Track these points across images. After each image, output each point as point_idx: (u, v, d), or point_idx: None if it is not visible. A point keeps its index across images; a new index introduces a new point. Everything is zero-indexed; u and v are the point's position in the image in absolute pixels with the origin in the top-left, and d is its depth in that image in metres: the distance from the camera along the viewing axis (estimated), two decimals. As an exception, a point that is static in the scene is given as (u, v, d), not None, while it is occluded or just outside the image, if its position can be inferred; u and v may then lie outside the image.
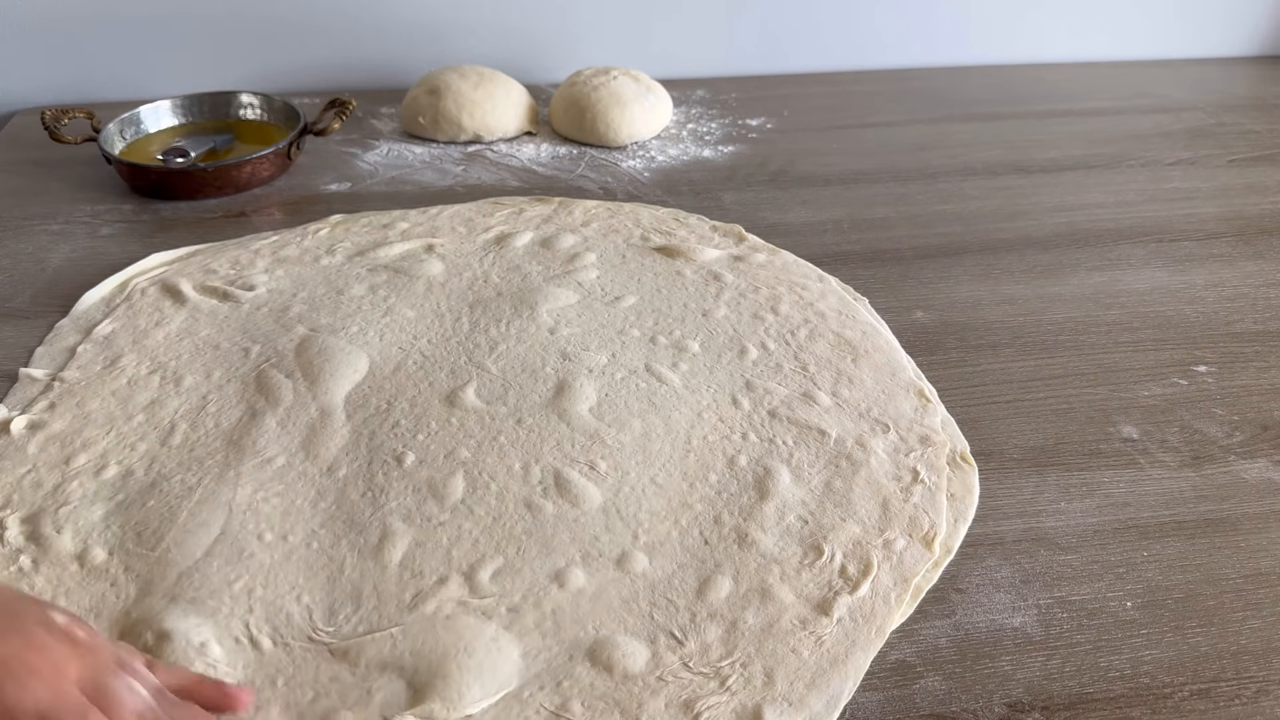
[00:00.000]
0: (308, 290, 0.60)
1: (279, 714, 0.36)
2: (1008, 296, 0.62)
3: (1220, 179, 0.79)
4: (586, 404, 0.50)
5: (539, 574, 0.41)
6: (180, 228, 0.69)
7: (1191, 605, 0.41)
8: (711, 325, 0.57)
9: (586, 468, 0.46)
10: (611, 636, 0.38)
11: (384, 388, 0.51)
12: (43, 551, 0.41)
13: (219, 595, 0.40)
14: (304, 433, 0.48)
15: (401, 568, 0.41)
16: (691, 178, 0.78)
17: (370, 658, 0.37)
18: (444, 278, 0.61)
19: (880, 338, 0.56)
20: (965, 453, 0.48)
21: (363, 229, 0.67)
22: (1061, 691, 0.37)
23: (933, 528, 0.44)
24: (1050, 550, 0.43)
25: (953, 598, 0.41)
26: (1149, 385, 0.54)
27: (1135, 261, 0.67)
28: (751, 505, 0.44)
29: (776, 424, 0.49)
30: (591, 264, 0.63)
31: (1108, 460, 0.49)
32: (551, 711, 0.36)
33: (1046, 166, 0.81)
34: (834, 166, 0.80)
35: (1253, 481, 0.48)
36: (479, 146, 0.83)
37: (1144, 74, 1.02)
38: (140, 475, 0.46)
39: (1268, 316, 0.61)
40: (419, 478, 0.46)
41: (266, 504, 0.44)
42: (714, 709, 0.36)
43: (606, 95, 0.83)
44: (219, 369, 0.53)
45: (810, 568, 0.41)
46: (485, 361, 0.53)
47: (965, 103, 0.94)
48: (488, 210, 0.70)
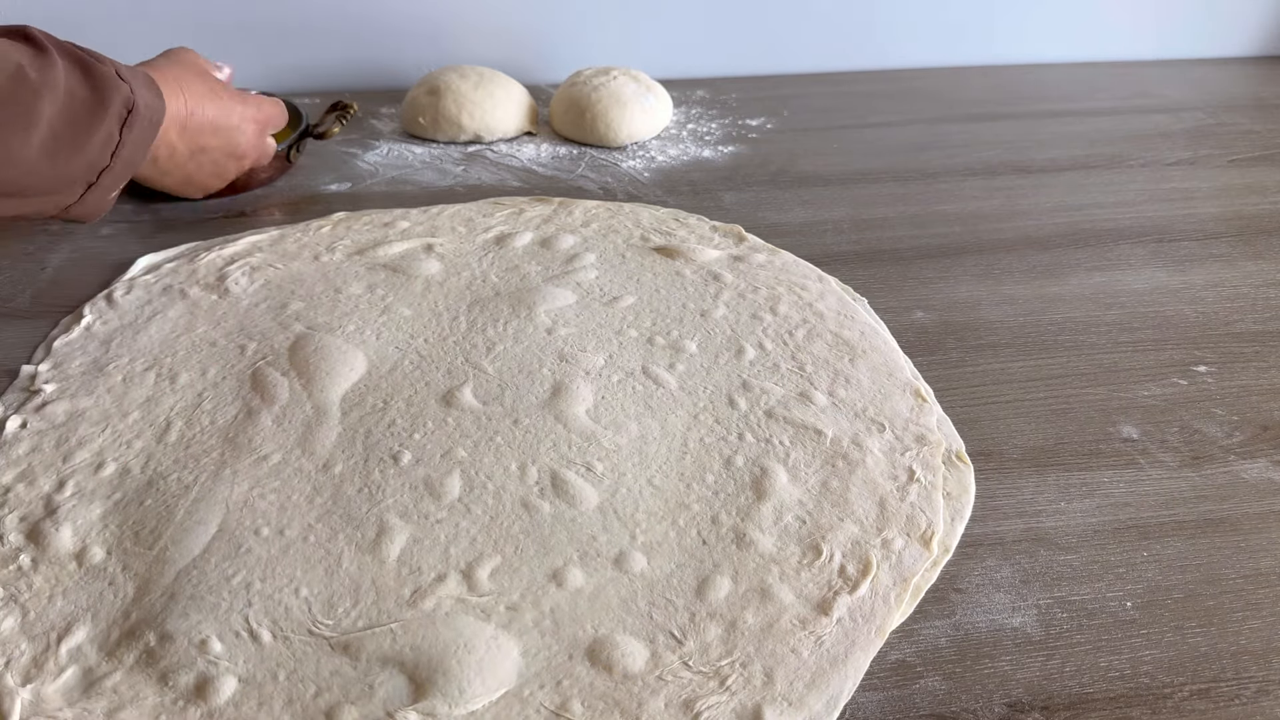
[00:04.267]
0: (305, 288, 0.60)
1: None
2: (1008, 296, 0.62)
3: (1220, 179, 0.79)
4: (583, 406, 0.50)
5: (537, 573, 0.41)
6: (180, 228, 0.69)
7: (1191, 605, 0.41)
8: (710, 325, 0.57)
9: (583, 469, 0.46)
10: (610, 636, 0.38)
11: (380, 387, 0.51)
12: (41, 551, 0.41)
13: (217, 591, 0.40)
14: (300, 430, 0.48)
15: (399, 564, 0.41)
16: (691, 178, 0.78)
17: (371, 652, 0.37)
18: (442, 277, 0.61)
19: (879, 338, 0.56)
20: (961, 452, 0.48)
21: (363, 227, 0.67)
22: (1061, 691, 0.37)
23: (930, 527, 0.44)
24: (1050, 550, 0.43)
25: (952, 598, 0.41)
26: (1149, 385, 0.54)
27: (1135, 261, 0.67)
28: (749, 505, 0.44)
29: (773, 424, 0.49)
30: (591, 264, 0.63)
31: (1108, 460, 0.49)
32: (552, 710, 0.36)
33: (1046, 166, 0.81)
34: (834, 166, 0.80)
35: (1253, 481, 0.47)
36: (479, 147, 0.83)
37: (1144, 74, 1.02)
38: (137, 473, 0.46)
39: (1268, 316, 0.61)
40: (415, 476, 0.46)
41: (263, 500, 0.44)
42: (714, 709, 0.36)
43: (606, 95, 0.83)
44: (215, 366, 0.53)
45: (809, 567, 0.41)
46: (482, 362, 0.53)
47: (965, 103, 0.94)
48: (488, 210, 0.70)
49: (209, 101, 0.64)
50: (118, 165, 0.56)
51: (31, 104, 0.50)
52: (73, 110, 0.52)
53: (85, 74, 0.53)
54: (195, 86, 0.63)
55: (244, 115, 0.67)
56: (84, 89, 0.52)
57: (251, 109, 0.67)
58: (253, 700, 0.36)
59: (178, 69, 0.64)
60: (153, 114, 0.57)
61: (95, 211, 0.58)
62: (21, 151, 0.50)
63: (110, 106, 0.53)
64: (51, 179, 0.53)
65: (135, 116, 0.55)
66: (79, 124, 0.52)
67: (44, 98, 0.50)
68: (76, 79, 0.52)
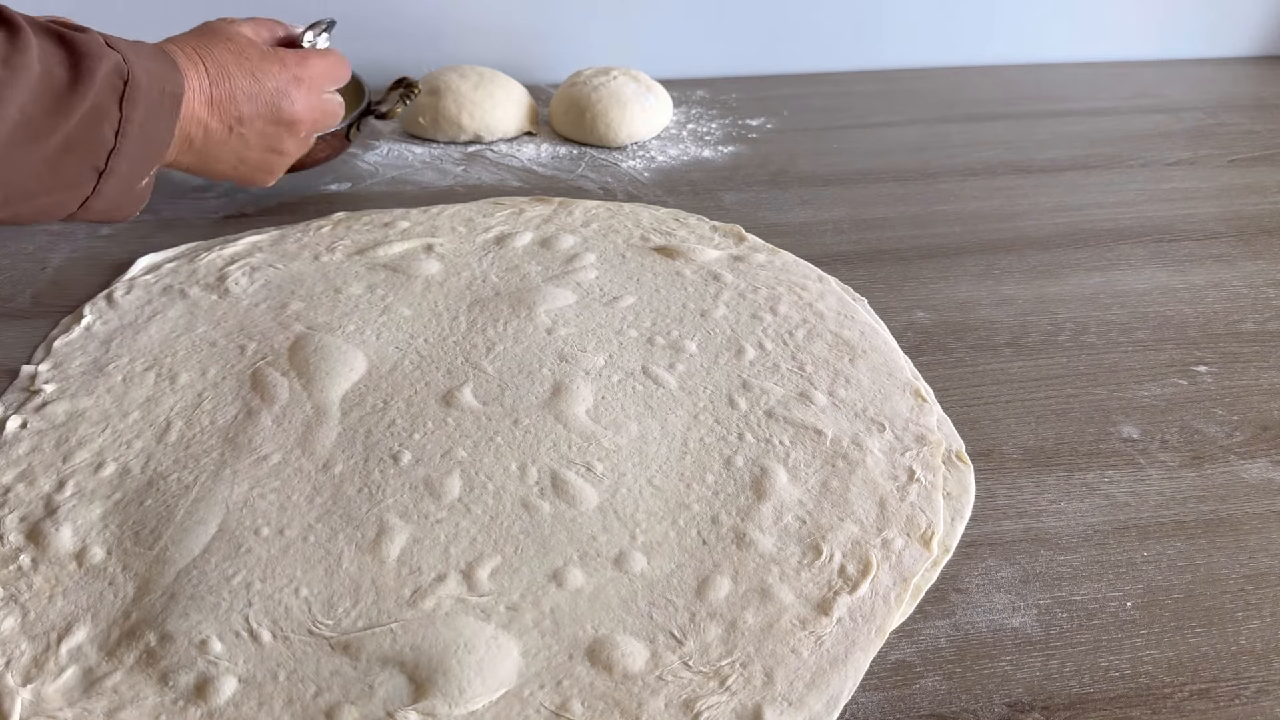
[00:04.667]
0: (305, 287, 0.60)
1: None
2: (1008, 296, 0.62)
3: (1220, 179, 0.79)
4: (583, 406, 0.50)
5: (537, 573, 0.41)
6: (180, 228, 0.68)
7: (1191, 605, 0.41)
8: (710, 325, 0.57)
9: (583, 469, 0.46)
10: (610, 636, 0.38)
11: (380, 387, 0.51)
12: (41, 551, 0.41)
13: (218, 591, 0.40)
14: (300, 430, 0.48)
15: (399, 564, 0.41)
16: (691, 178, 0.78)
17: (371, 652, 0.37)
18: (442, 277, 0.61)
19: (878, 338, 0.56)
20: (961, 451, 0.48)
21: (363, 227, 0.67)
22: (1061, 691, 0.37)
23: (930, 526, 0.44)
24: (1050, 550, 0.43)
25: (952, 598, 0.41)
26: (1149, 385, 0.54)
27: (1135, 261, 0.67)
28: (749, 505, 0.44)
29: (773, 424, 0.49)
30: (591, 264, 0.63)
31: (1108, 460, 0.49)
32: (552, 710, 0.36)
33: (1046, 166, 0.81)
34: (834, 166, 0.80)
35: (1253, 481, 0.47)
36: (479, 147, 0.83)
37: (1144, 74, 1.02)
38: (137, 473, 0.46)
39: (1268, 316, 0.61)
40: (415, 476, 0.46)
41: (263, 500, 0.44)
42: (714, 708, 0.36)
43: (606, 95, 0.83)
44: (215, 366, 0.53)
45: (809, 567, 0.41)
46: (482, 362, 0.53)
47: (965, 103, 0.94)
48: (488, 210, 0.70)
49: (236, 65, 0.56)
50: (129, 146, 0.49)
51: None
52: (51, 90, 0.45)
53: (63, 47, 0.47)
54: (218, 52, 0.56)
55: (283, 76, 0.58)
56: (62, 66, 0.46)
57: (293, 66, 0.58)
58: (253, 700, 0.36)
59: (198, 38, 0.57)
60: (165, 84, 0.50)
61: (121, 204, 0.52)
62: None
63: (94, 77, 0.46)
64: (40, 174, 0.47)
65: (135, 88, 0.48)
66: (60, 104, 0.46)
67: (12, 82, 0.44)
68: (55, 56, 0.46)
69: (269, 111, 0.58)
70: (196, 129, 0.55)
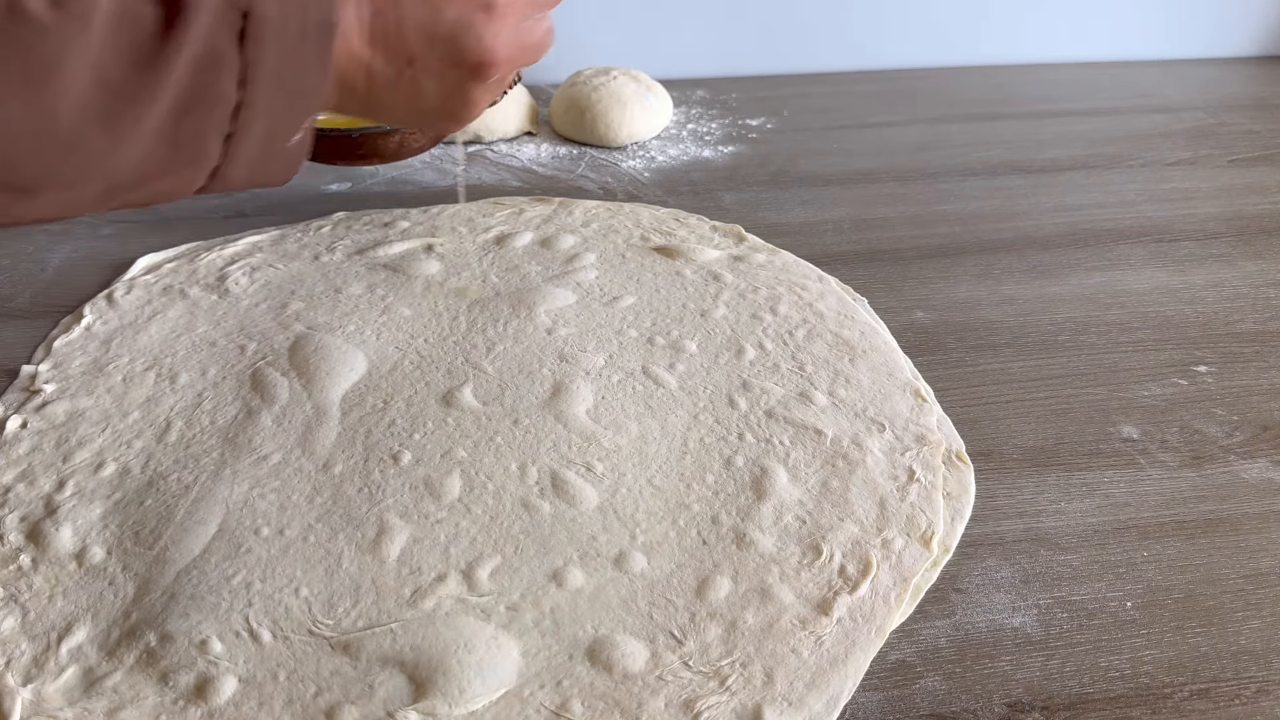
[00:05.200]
0: (305, 287, 0.60)
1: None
2: (1008, 296, 0.62)
3: (1220, 179, 0.79)
4: (583, 406, 0.50)
5: (537, 573, 0.41)
6: (181, 228, 0.68)
7: (1191, 605, 0.41)
8: (710, 325, 0.57)
9: (583, 469, 0.46)
10: (610, 635, 0.38)
11: (380, 387, 0.51)
12: (41, 551, 0.41)
13: (218, 591, 0.40)
14: (300, 430, 0.48)
15: (399, 563, 0.41)
16: (691, 178, 0.78)
17: (371, 652, 0.37)
18: (442, 277, 0.61)
19: (879, 338, 0.56)
20: (961, 451, 0.48)
21: (363, 227, 0.67)
22: (1061, 691, 0.37)
23: (930, 526, 0.44)
24: (1050, 550, 0.43)
25: (952, 598, 0.41)
26: (1149, 385, 0.54)
27: (1135, 261, 0.67)
28: (749, 505, 0.44)
29: (773, 424, 0.49)
30: (591, 264, 0.63)
31: (1108, 460, 0.49)
32: (552, 710, 0.36)
33: (1046, 166, 0.81)
34: (834, 166, 0.80)
35: (1253, 481, 0.47)
36: (479, 146, 0.83)
37: (1144, 74, 1.02)
38: (137, 473, 0.46)
39: (1268, 316, 0.61)
40: (415, 476, 0.46)
41: (263, 500, 0.44)
42: (714, 708, 0.36)
43: (606, 95, 0.83)
44: (214, 366, 0.53)
45: (809, 567, 0.41)
46: (482, 362, 0.53)
47: (965, 103, 0.94)
48: (488, 210, 0.70)
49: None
50: (262, 99, 0.36)
51: (35, 47, 0.31)
52: (137, 36, 0.33)
53: None
54: None
55: (467, 3, 0.43)
56: (148, 4, 0.33)
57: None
58: (253, 700, 0.36)
59: None
60: (308, 11, 0.37)
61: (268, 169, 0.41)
62: (39, 121, 0.32)
63: (195, 10, 0.34)
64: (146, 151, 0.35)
65: (260, 23, 0.35)
66: (152, 55, 0.34)
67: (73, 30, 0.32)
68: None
69: (449, 51, 0.43)
70: (358, 72, 0.42)
